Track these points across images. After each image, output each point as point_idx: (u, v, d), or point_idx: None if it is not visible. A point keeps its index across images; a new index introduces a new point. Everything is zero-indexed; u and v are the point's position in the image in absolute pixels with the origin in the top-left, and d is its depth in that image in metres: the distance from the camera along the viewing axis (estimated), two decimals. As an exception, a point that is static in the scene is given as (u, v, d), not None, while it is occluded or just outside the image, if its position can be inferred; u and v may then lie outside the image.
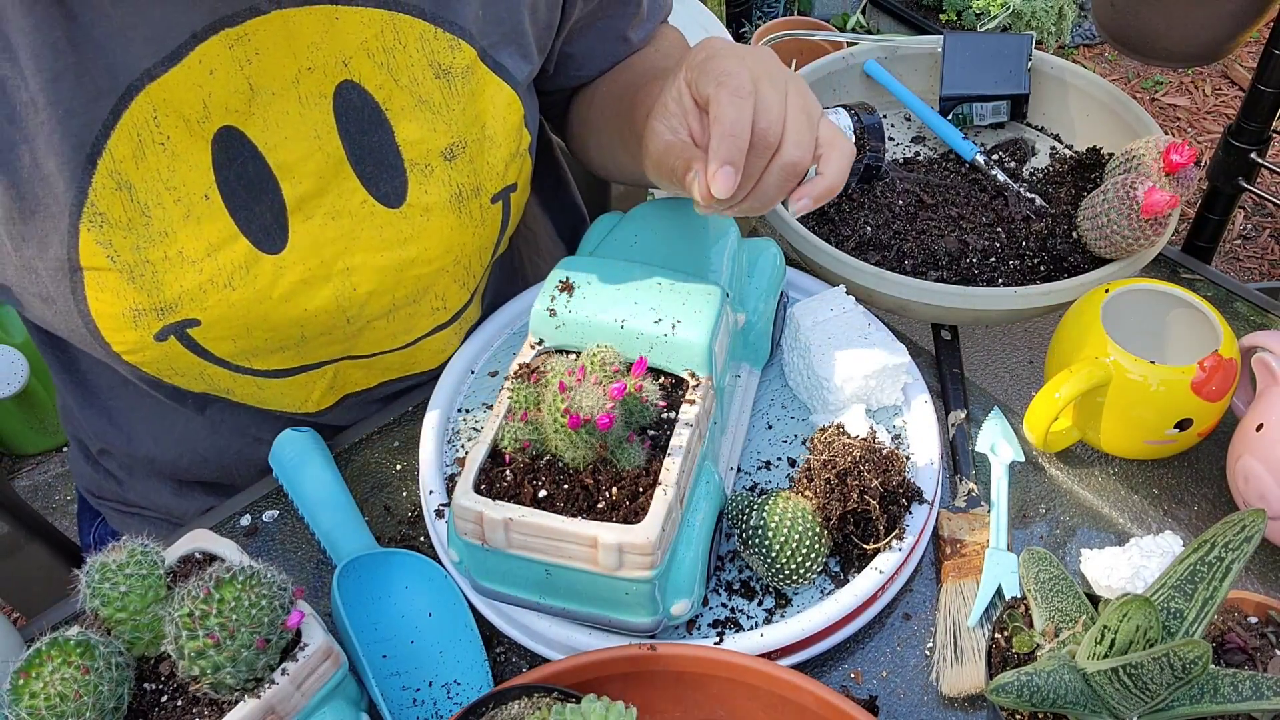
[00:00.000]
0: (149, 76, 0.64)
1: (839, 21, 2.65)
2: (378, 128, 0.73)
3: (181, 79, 0.65)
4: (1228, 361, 0.76)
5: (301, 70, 0.69)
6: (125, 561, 0.60)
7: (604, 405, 0.60)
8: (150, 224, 0.68)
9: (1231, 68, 2.73)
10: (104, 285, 0.68)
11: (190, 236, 0.69)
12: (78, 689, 0.55)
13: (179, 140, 0.67)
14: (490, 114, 0.77)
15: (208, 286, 0.70)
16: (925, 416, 0.78)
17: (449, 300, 0.85)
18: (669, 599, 0.65)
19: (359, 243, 0.75)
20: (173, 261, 0.69)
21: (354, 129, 0.72)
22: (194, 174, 0.68)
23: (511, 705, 0.58)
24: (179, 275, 0.69)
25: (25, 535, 1.05)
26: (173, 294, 0.70)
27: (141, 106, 0.65)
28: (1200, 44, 1.19)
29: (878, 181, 0.96)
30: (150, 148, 0.66)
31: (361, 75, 0.71)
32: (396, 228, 0.76)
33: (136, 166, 0.66)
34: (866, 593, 0.68)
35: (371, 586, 0.73)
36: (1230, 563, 0.59)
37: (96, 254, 0.67)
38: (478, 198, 0.79)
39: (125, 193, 0.66)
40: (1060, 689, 0.58)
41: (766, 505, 0.68)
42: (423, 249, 0.78)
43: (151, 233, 0.68)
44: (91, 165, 0.65)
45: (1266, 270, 2.30)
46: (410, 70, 0.73)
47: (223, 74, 0.66)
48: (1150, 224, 0.83)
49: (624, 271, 0.72)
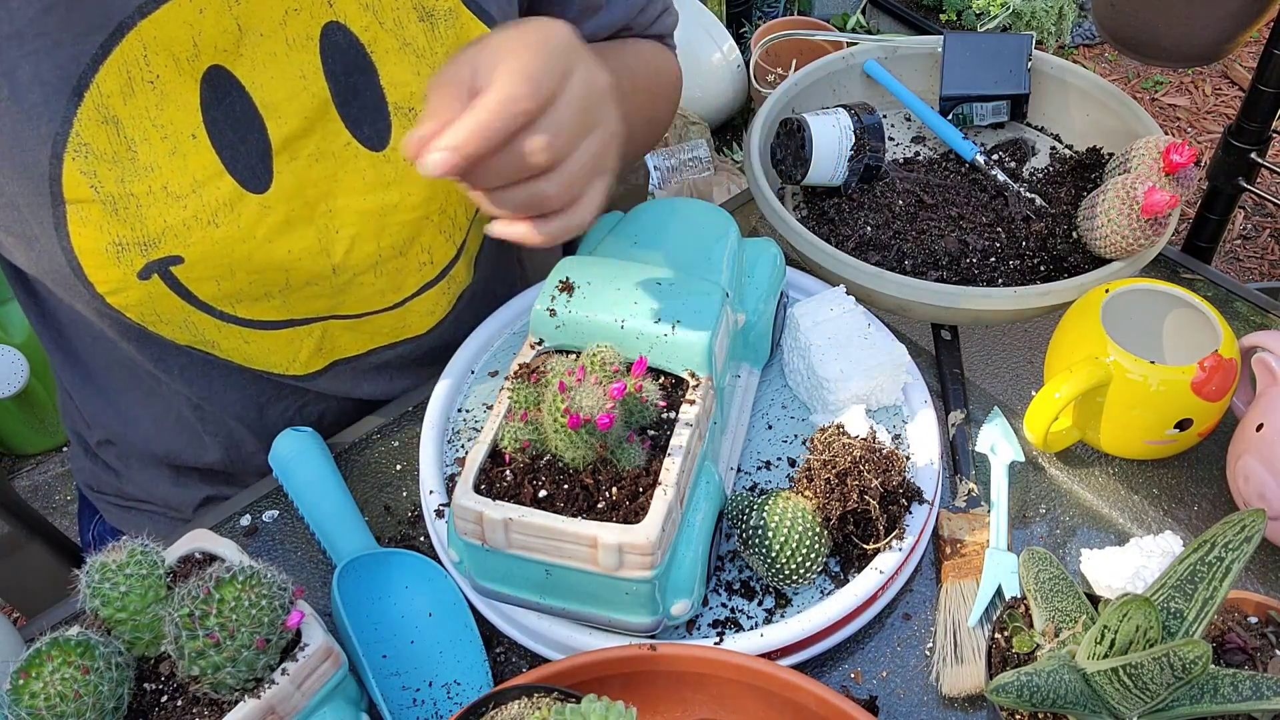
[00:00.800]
0: (140, 13, 0.65)
1: (839, 21, 2.65)
2: (363, 70, 0.74)
3: (172, 16, 0.66)
4: (1228, 361, 0.76)
5: (289, 11, 0.70)
6: (125, 561, 0.60)
7: (604, 405, 0.60)
8: (136, 158, 0.68)
9: (1231, 68, 2.73)
10: (87, 219, 0.69)
11: (175, 172, 0.70)
12: (78, 689, 0.55)
13: (168, 79, 0.68)
14: None
15: (191, 223, 0.71)
16: (925, 417, 0.78)
17: (435, 253, 0.84)
18: (669, 599, 0.65)
19: (341, 185, 0.76)
20: (157, 196, 0.70)
21: (339, 70, 0.73)
22: (182, 113, 0.69)
23: (511, 705, 0.58)
24: (163, 210, 0.70)
25: (25, 535, 1.05)
26: (156, 228, 0.70)
27: (132, 44, 0.66)
28: (1200, 44, 1.19)
29: (877, 181, 0.96)
30: (139, 85, 0.67)
31: (347, 16, 0.72)
32: (379, 171, 0.76)
33: (124, 103, 0.67)
34: (866, 593, 0.68)
35: (371, 586, 0.73)
36: (1230, 563, 0.59)
37: (80, 184, 0.67)
38: None
39: (111, 126, 0.67)
40: (1060, 689, 0.58)
41: (766, 505, 0.68)
42: (405, 194, 0.78)
43: (137, 167, 0.69)
44: (77, 98, 0.65)
45: (1266, 270, 2.30)
46: (395, 12, 0.73)
47: (212, 13, 0.67)
48: (1150, 224, 0.83)
49: (624, 271, 0.73)
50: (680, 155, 2.11)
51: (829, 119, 0.93)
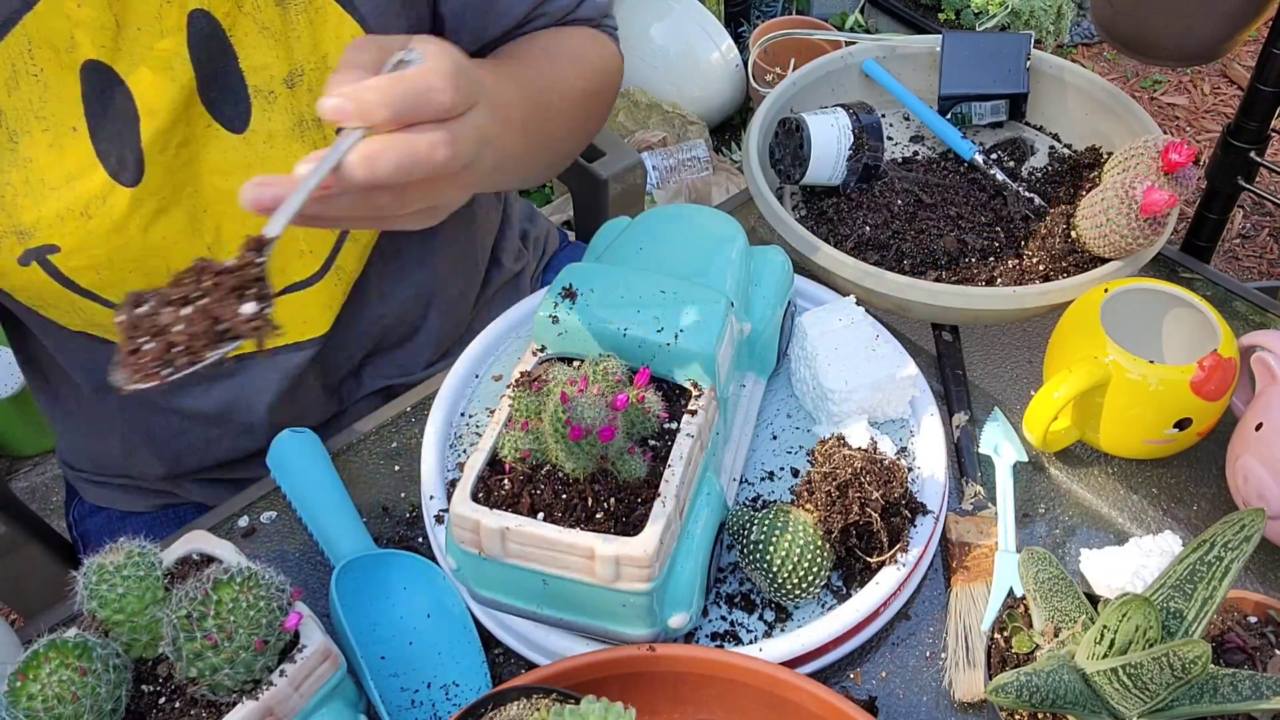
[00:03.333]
0: (25, 7, 0.67)
1: (837, 21, 2.65)
2: (224, 53, 0.75)
3: (52, 9, 0.67)
4: (1227, 361, 0.75)
5: (163, 4, 0.71)
6: (123, 563, 0.60)
7: (606, 417, 0.60)
8: (16, 149, 0.70)
9: (1230, 67, 2.73)
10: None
11: (50, 164, 0.71)
12: (75, 691, 0.55)
13: (51, 72, 0.69)
14: (332, 44, 0.78)
15: (65, 214, 0.72)
16: (932, 429, 0.78)
17: (312, 242, 0.84)
18: (667, 611, 0.64)
19: (205, 165, 0.77)
20: (32, 186, 0.71)
21: (204, 56, 0.74)
22: (63, 106, 0.70)
23: (510, 706, 0.58)
24: (37, 200, 0.71)
25: (23, 536, 1.05)
26: (30, 218, 0.72)
27: (17, 38, 0.67)
28: (1199, 43, 1.19)
29: (876, 181, 0.96)
30: (24, 78, 0.69)
31: (210, 3, 0.73)
32: (240, 153, 0.77)
33: (9, 95, 0.69)
34: (868, 609, 0.68)
35: (370, 588, 0.73)
36: (1230, 562, 0.59)
37: None
38: (320, 128, 0.79)
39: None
40: (1060, 689, 0.58)
41: (767, 520, 0.67)
42: None
43: (15, 157, 0.70)
44: None
45: (1265, 269, 2.30)
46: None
47: (91, 8, 0.68)
48: (1149, 223, 0.83)
49: (628, 279, 0.72)
50: (678, 155, 2.11)
51: (827, 118, 0.93)
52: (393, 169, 0.54)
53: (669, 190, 2.10)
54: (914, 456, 0.77)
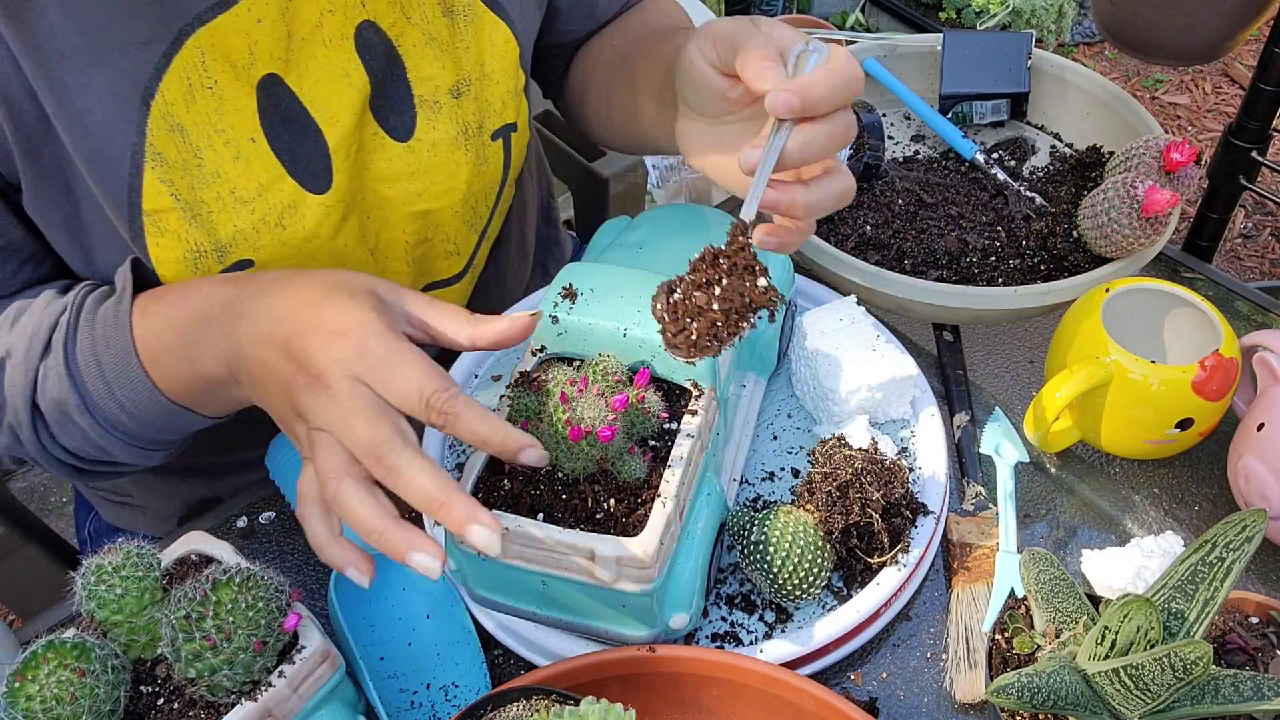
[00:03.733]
0: (199, 21, 0.66)
1: (838, 20, 2.65)
2: (392, 64, 0.76)
3: (230, 25, 0.67)
4: (1228, 361, 0.75)
5: (324, 13, 0.71)
6: (121, 564, 0.59)
7: (606, 418, 0.60)
8: (202, 165, 0.69)
9: (1232, 66, 2.73)
10: (164, 228, 0.69)
11: (241, 176, 0.70)
12: (74, 691, 0.55)
13: (226, 84, 0.69)
14: (489, 52, 0.80)
15: (260, 226, 0.72)
16: (933, 430, 0.77)
17: (460, 243, 0.86)
18: (667, 612, 0.64)
19: (371, 173, 0.78)
20: (225, 202, 0.70)
21: (374, 66, 0.74)
22: (240, 117, 0.70)
23: (510, 707, 0.58)
24: (232, 215, 0.71)
25: (21, 537, 1.05)
26: (228, 234, 0.71)
27: (191, 51, 0.67)
28: (1200, 42, 1.19)
29: (877, 180, 0.96)
30: (199, 91, 0.68)
31: (377, 14, 0.74)
32: (404, 161, 0.78)
33: (187, 109, 0.68)
34: (868, 610, 0.68)
35: (369, 588, 0.73)
36: (1231, 563, 0.58)
37: (160, 193, 0.68)
38: (480, 135, 0.81)
39: (178, 135, 0.68)
40: (1061, 690, 0.57)
41: (768, 521, 0.67)
42: (429, 183, 0.80)
43: (204, 174, 0.69)
44: (145, 107, 0.66)
45: (1267, 269, 2.30)
46: (422, 7, 0.76)
47: (269, 21, 0.69)
48: (1151, 223, 0.82)
49: (628, 278, 0.72)
50: (679, 155, 2.11)
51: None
52: (819, 153, 0.60)
53: (669, 190, 2.09)
54: (915, 457, 0.77)
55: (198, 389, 0.67)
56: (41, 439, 0.70)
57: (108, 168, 0.67)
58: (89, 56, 0.64)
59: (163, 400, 0.67)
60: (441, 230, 0.84)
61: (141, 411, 0.68)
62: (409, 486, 0.54)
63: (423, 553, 0.54)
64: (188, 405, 0.68)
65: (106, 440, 0.69)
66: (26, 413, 0.69)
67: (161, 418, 0.69)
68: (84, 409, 0.68)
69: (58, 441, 0.71)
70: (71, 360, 0.68)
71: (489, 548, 0.54)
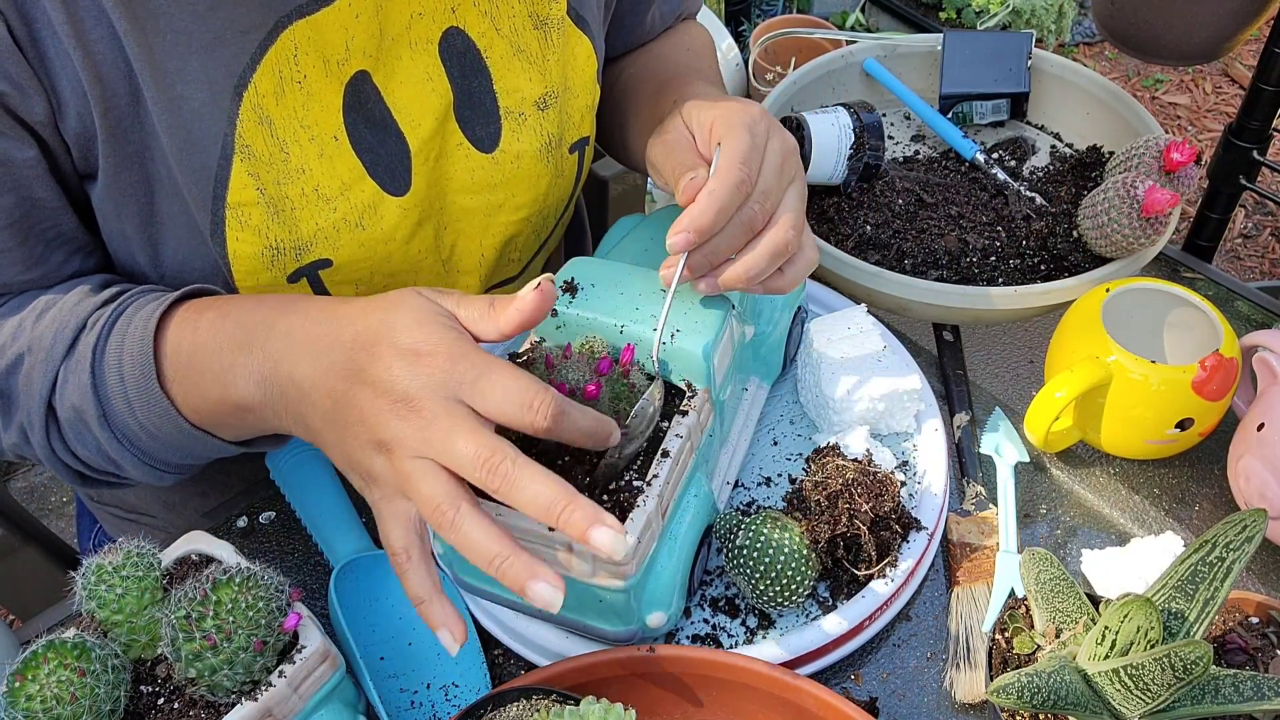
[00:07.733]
0: (299, 13, 0.66)
1: (838, 19, 2.65)
2: (478, 74, 0.75)
3: (331, 20, 0.67)
4: (1229, 361, 0.75)
5: (413, 15, 0.71)
6: (121, 564, 0.59)
7: (590, 378, 0.60)
8: (289, 160, 0.68)
9: (1232, 66, 2.73)
10: (246, 223, 0.68)
11: (325, 174, 0.70)
12: (74, 691, 0.55)
13: (315, 79, 0.68)
14: (573, 65, 0.80)
15: (340, 225, 0.71)
16: (935, 444, 0.77)
17: (524, 251, 0.87)
18: (645, 610, 0.64)
19: (453, 184, 0.77)
20: (309, 198, 0.70)
21: (458, 74, 0.74)
22: (325, 114, 0.69)
23: (510, 707, 0.58)
24: (315, 212, 0.70)
25: (20, 538, 1.05)
26: (309, 231, 0.70)
27: (285, 43, 0.66)
28: (1200, 42, 1.19)
29: (877, 180, 0.96)
30: (289, 85, 0.67)
31: (466, 22, 0.74)
32: (487, 171, 0.78)
33: (276, 103, 0.67)
34: (850, 623, 0.68)
35: (369, 588, 0.73)
36: (1231, 563, 0.58)
37: (246, 186, 0.67)
38: (560, 147, 0.81)
39: (266, 128, 0.67)
40: (1061, 690, 0.57)
41: (754, 527, 0.67)
42: (510, 195, 0.80)
43: (290, 169, 0.69)
44: (238, 98, 0.65)
45: (1267, 269, 2.30)
46: (511, 19, 0.76)
47: (365, 18, 0.68)
48: (1151, 223, 0.82)
49: (631, 276, 0.72)
50: (679, 154, 2.10)
51: (828, 117, 0.93)
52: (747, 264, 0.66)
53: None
54: (914, 470, 0.77)
55: (225, 411, 0.63)
56: (52, 443, 0.68)
57: (197, 157, 0.65)
58: (190, 41, 0.63)
59: (182, 423, 0.64)
60: (514, 241, 0.84)
61: (160, 432, 0.65)
62: (525, 492, 0.51)
63: (545, 583, 0.51)
64: (210, 429, 0.65)
65: (121, 455, 0.67)
66: (40, 414, 0.66)
67: (180, 440, 0.66)
68: (103, 421, 0.65)
69: (69, 449, 0.68)
70: (99, 369, 0.64)
71: (614, 554, 0.51)
